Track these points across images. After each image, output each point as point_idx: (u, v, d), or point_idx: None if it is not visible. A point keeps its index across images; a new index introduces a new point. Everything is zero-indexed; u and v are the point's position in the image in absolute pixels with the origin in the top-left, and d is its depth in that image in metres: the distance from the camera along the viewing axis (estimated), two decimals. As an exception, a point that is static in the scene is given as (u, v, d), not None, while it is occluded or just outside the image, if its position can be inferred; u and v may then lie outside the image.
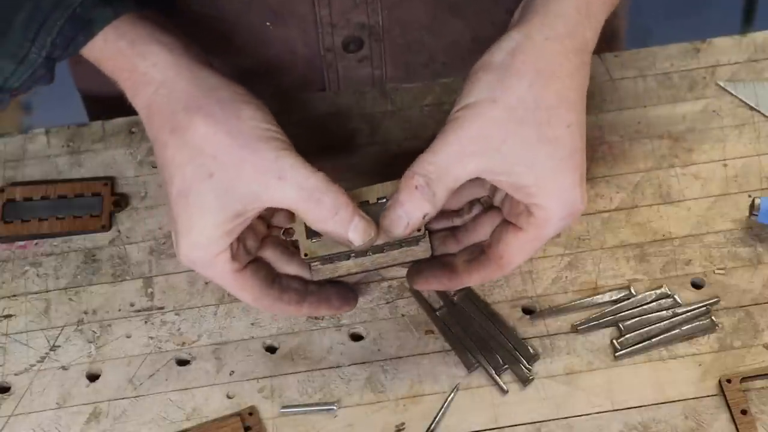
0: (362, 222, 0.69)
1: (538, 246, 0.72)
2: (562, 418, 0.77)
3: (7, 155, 0.92)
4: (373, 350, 0.81)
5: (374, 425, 0.78)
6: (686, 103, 0.92)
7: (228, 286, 0.73)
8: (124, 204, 0.88)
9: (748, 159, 0.88)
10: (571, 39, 0.70)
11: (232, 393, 0.79)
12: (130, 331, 0.83)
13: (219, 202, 0.68)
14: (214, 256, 0.70)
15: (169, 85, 0.70)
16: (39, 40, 0.69)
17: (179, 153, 0.69)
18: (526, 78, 0.68)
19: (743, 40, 0.95)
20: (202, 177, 0.68)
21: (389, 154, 0.90)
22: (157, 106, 0.71)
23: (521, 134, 0.68)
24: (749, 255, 0.84)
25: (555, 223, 0.70)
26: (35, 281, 0.85)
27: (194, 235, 0.69)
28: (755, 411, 0.76)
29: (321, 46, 0.91)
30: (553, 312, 0.82)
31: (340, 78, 0.95)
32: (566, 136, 0.69)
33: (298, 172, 0.69)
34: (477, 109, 0.69)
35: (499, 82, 0.69)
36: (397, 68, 0.95)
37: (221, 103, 0.70)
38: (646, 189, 0.87)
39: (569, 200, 0.69)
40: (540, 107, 0.68)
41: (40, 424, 0.79)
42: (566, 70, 0.69)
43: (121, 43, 0.71)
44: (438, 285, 0.76)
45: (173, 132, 0.69)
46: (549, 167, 0.69)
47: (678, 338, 0.80)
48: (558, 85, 0.69)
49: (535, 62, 0.69)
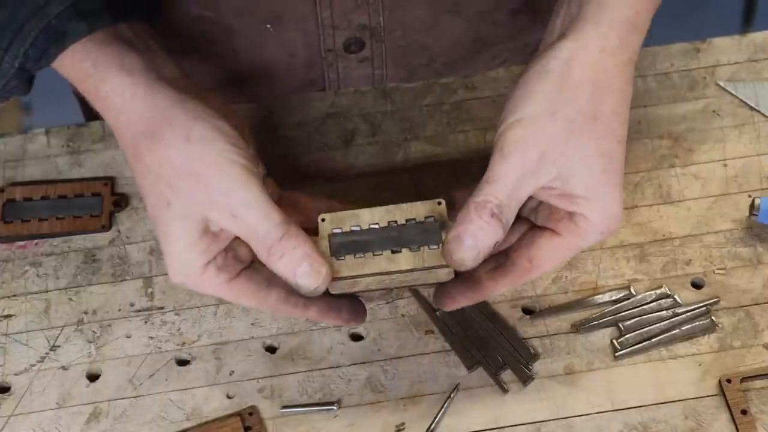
0: (311, 267, 0.68)
1: (569, 256, 0.71)
2: (562, 418, 0.77)
3: (7, 155, 0.92)
4: (373, 350, 0.81)
5: (374, 425, 0.78)
6: (686, 103, 0.92)
7: (225, 297, 0.72)
8: (124, 204, 0.88)
9: (748, 159, 0.88)
10: (623, 51, 0.69)
11: (232, 393, 0.79)
12: (130, 331, 0.83)
13: (182, 228, 0.68)
14: (198, 276, 0.69)
15: (127, 110, 0.69)
16: (12, 49, 0.68)
17: (143, 179, 0.69)
18: (585, 90, 0.67)
19: (743, 40, 0.95)
20: (161, 206, 0.68)
21: (389, 154, 0.90)
22: (120, 132, 0.70)
23: (579, 147, 0.67)
24: (749, 255, 0.84)
25: (594, 235, 0.69)
26: (35, 281, 0.85)
27: (172, 261, 0.69)
28: (755, 411, 0.76)
29: (322, 47, 0.91)
30: (553, 312, 0.82)
31: (340, 79, 0.95)
32: (617, 151, 0.68)
33: (249, 212, 0.67)
34: (536, 125, 0.67)
35: (558, 94, 0.67)
36: (398, 69, 0.95)
37: (173, 125, 0.68)
38: (646, 189, 0.87)
39: (612, 215, 0.69)
40: (597, 120, 0.67)
41: (40, 424, 0.79)
42: (619, 84, 0.69)
43: (86, 65, 0.70)
44: (466, 300, 0.74)
45: (135, 158, 0.69)
46: (601, 180, 0.68)
47: (678, 338, 0.80)
48: (613, 99, 0.68)
49: (592, 74, 0.68)
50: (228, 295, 0.71)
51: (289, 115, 0.92)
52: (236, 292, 0.71)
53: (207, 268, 0.69)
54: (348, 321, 0.75)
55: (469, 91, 0.93)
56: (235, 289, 0.71)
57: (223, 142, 0.68)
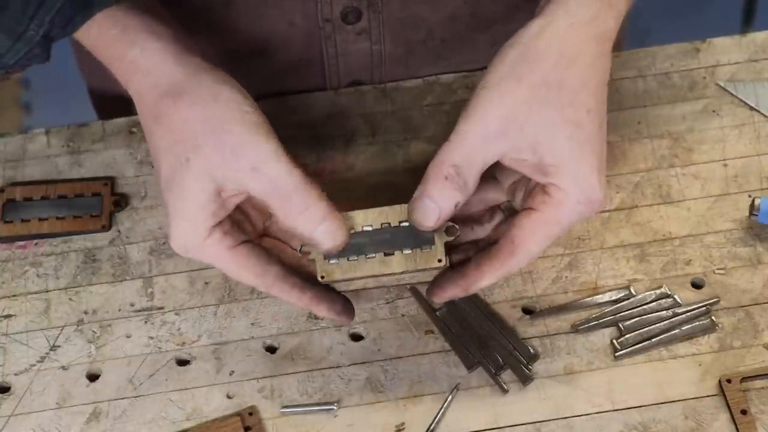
0: (332, 225, 0.70)
1: (551, 232, 0.71)
2: (562, 418, 0.77)
3: (7, 155, 0.92)
4: (373, 350, 0.81)
5: (374, 425, 0.78)
6: (686, 103, 0.92)
7: (225, 264, 0.72)
8: (124, 204, 0.88)
9: (748, 159, 0.88)
10: (593, 26, 0.71)
11: (232, 393, 0.80)
12: (130, 331, 0.83)
13: (198, 185, 0.69)
14: (204, 237, 0.70)
15: (155, 72, 0.71)
16: (38, 17, 0.69)
17: (162, 140, 0.70)
18: (550, 59, 0.69)
19: (743, 40, 0.95)
20: (179, 163, 0.69)
21: (389, 154, 0.90)
22: (143, 95, 0.72)
23: (544, 114, 0.68)
24: (749, 255, 0.84)
25: (571, 206, 0.70)
26: (35, 281, 0.85)
27: (182, 220, 0.70)
28: (755, 411, 0.76)
29: (320, 16, 0.91)
30: (553, 312, 0.82)
31: (338, 54, 0.95)
32: (586, 121, 0.69)
33: (272, 166, 0.69)
34: (500, 88, 0.69)
35: (524, 61, 0.69)
36: (396, 44, 0.95)
37: (201, 86, 0.70)
38: (646, 189, 0.87)
39: (586, 184, 0.69)
40: (563, 88, 0.69)
41: (40, 424, 0.79)
42: (588, 56, 0.70)
43: (114, 31, 0.72)
44: (454, 290, 0.74)
45: (157, 119, 0.71)
46: (568, 148, 0.69)
47: (678, 338, 0.80)
48: (580, 70, 0.70)
49: (558, 45, 0.70)
50: (228, 264, 0.72)
51: (289, 115, 0.92)
52: (236, 263, 0.72)
53: (213, 231, 0.70)
54: (339, 313, 0.75)
55: (469, 91, 0.93)
56: (237, 258, 0.72)
57: (248, 106, 0.71)
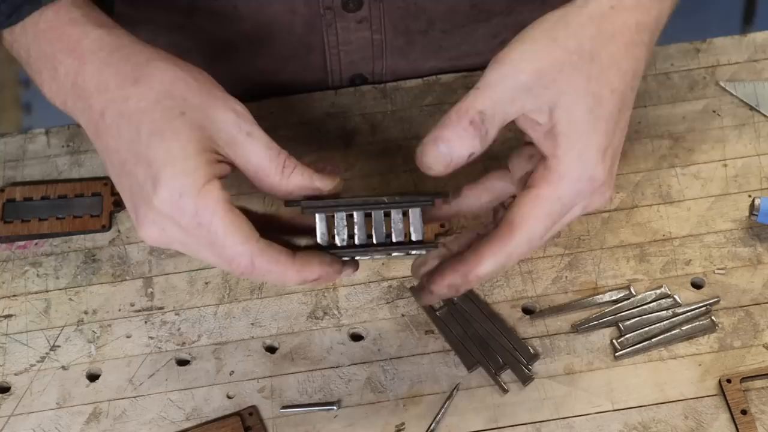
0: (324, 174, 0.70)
1: (551, 209, 0.68)
2: (562, 418, 0.77)
3: (7, 155, 0.92)
4: (373, 350, 0.81)
5: (374, 425, 0.78)
6: (686, 103, 0.92)
7: (215, 219, 0.66)
8: (124, 204, 0.88)
9: (748, 159, 0.88)
10: (635, 13, 0.70)
11: (232, 393, 0.80)
12: (130, 331, 0.83)
13: (195, 134, 0.67)
14: (205, 180, 0.66)
15: (128, 45, 0.69)
16: None
17: (144, 100, 0.67)
18: (588, 31, 0.69)
19: (743, 40, 0.95)
20: (174, 116, 0.67)
21: (389, 154, 0.90)
22: (113, 66, 0.69)
23: (571, 79, 0.67)
24: (749, 255, 0.84)
25: (571, 183, 0.68)
26: (35, 281, 0.85)
27: (180, 161, 0.66)
28: (755, 411, 0.76)
29: (321, 4, 0.91)
30: (553, 312, 0.82)
31: (339, 43, 0.94)
32: (608, 99, 0.68)
33: (262, 133, 0.68)
34: (535, 44, 0.68)
35: (563, 27, 0.69)
36: (396, 34, 0.95)
37: (176, 61, 0.69)
38: (646, 189, 0.87)
39: (589, 163, 0.68)
40: (594, 61, 0.68)
41: (40, 424, 0.79)
42: (624, 39, 0.70)
43: (74, 14, 0.70)
44: (454, 276, 0.70)
45: (137, 82, 0.68)
46: (583, 120, 0.67)
47: (678, 338, 0.80)
48: (614, 49, 0.69)
49: (599, 22, 0.69)
50: (218, 220, 0.67)
51: (289, 114, 0.93)
52: (231, 218, 0.67)
53: (213, 182, 0.66)
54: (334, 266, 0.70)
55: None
56: (231, 214, 0.67)
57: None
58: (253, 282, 0.84)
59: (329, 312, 0.83)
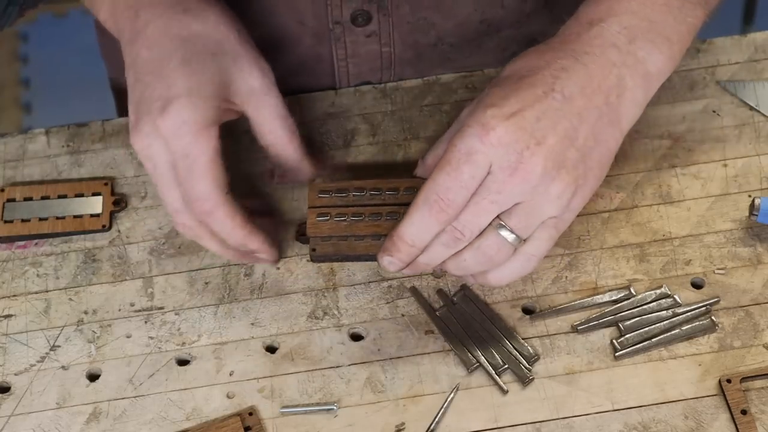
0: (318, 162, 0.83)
1: (447, 156, 0.71)
2: (562, 418, 0.77)
3: (7, 155, 0.92)
4: (373, 350, 0.81)
5: (374, 425, 0.78)
6: (686, 103, 0.92)
7: (204, 160, 0.74)
8: (124, 204, 0.88)
9: (748, 159, 0.88)
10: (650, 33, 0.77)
11: (232, 393, 0.80)
12: (130, 331, 0.83)
13: (217, 78, 0.75)
14: (208, 123, 0.74)
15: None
16: None
17: (187, 30, 0.76)
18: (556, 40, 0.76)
19: (743, 40, 0.95)
20: (206, 53, 0.76)
21: (389, 154, 0.90)
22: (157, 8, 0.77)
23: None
24: (749, 255, 0.84)
25: (463, 132, 0.71)
26: (35, 281, 0.85)
27: (194, 98, 0.73)
28: (755, 411, 0.76)
29: (330, 18, 0.91)
30: (553, 312, 0.82)
31: (348, 55, 0.95)
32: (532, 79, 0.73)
33: (278, 91, 0.80)
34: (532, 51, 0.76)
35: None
36: (405, 47, 0.95)
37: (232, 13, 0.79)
38: (646, 189, 0.87)
39: (482, 114, 0.71)
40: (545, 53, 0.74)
41: (40, 424, 0.79)
42: (581, 48, 0.75)
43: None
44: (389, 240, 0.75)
45: (187, 12, 0.76)
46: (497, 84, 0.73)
47: (678, 338, 0.80)
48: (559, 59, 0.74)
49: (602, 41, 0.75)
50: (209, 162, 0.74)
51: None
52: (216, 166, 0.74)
53: (214, 127, 0.74)
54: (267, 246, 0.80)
55: (469, 91, 0.93)
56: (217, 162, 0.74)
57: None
58: (253, 282, 0.84)
59: (329, 312, 0.83)
